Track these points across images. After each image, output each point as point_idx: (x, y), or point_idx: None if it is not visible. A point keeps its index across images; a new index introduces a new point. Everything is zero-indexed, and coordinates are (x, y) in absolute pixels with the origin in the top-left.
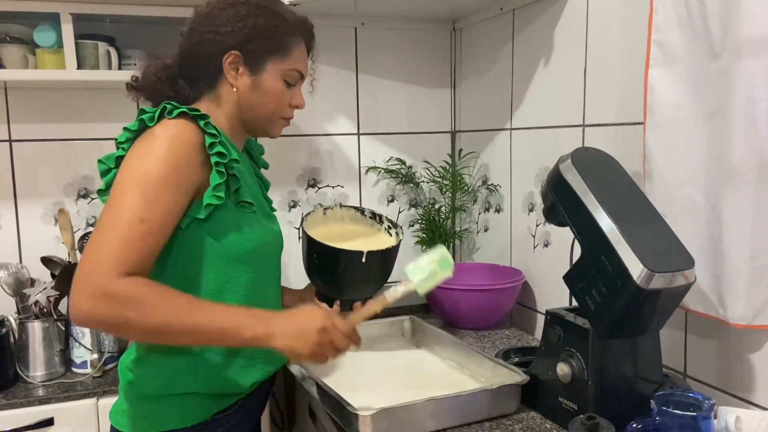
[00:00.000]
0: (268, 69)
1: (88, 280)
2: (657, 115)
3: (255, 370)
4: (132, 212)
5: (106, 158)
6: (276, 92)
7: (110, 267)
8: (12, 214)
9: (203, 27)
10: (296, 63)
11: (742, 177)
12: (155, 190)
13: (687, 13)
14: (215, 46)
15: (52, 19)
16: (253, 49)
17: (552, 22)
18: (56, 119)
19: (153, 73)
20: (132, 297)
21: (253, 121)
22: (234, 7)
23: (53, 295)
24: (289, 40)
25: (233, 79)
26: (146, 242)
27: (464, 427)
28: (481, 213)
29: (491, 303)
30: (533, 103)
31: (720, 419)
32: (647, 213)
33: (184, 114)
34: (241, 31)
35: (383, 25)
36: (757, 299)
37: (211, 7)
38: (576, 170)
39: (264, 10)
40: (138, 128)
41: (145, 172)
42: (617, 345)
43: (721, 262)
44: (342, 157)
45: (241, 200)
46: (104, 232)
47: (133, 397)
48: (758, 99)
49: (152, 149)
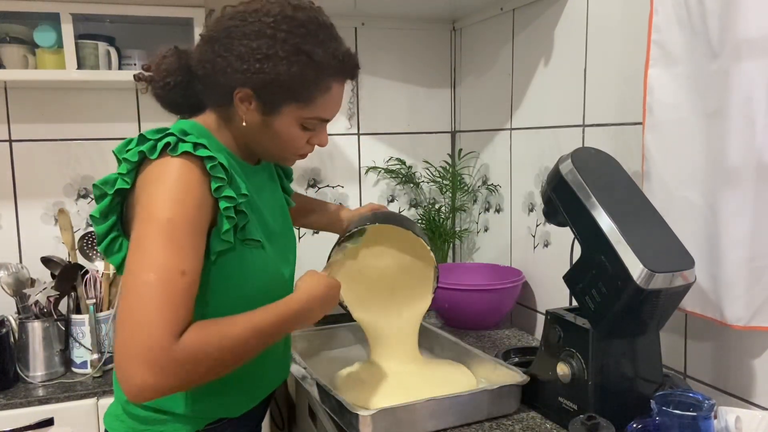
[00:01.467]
0: (284, 113)
1: (148, 351)
2: (656, 116)
3: (244, 400)
4: (172, 265)
5: (103, 183)
6: (289, 137)
7: (168, 331)
8: (12, 214)
9: (219, 46)
10: (320, 111)
11: (739, 177)
12: (185, 238)
13: (687, 14)
14: (226, 77)
15: (52, 19)
16: (268, 94)
17: (552, 22)
18: (56, 119)
19: (166, 70)
20: (199, 352)
21: (263, 154)
22: (257, 38)
23: (53, 295)
24: (316, 90)
25: (243, 113)
26: (191, 293)
27: (464, 427)
28: (481, 213)
29: (491, 303)
30: (533, 103)
31: (720, 419)
32: (647, 213)
33: (188, 153)
34: (257, 75)
35: (383, 25)
36: (755, 300)
37: (236, 21)
38: (576, 170)
39: (291, 51)
40: (138, 159)
41: (170, 219)
42: (617, 345)
43: (719, 263)
44: (342, 157)
45: (247, 238)
46: (148, 292)
47: (124, 405)
48: (756, 99)
49: (169, 192)
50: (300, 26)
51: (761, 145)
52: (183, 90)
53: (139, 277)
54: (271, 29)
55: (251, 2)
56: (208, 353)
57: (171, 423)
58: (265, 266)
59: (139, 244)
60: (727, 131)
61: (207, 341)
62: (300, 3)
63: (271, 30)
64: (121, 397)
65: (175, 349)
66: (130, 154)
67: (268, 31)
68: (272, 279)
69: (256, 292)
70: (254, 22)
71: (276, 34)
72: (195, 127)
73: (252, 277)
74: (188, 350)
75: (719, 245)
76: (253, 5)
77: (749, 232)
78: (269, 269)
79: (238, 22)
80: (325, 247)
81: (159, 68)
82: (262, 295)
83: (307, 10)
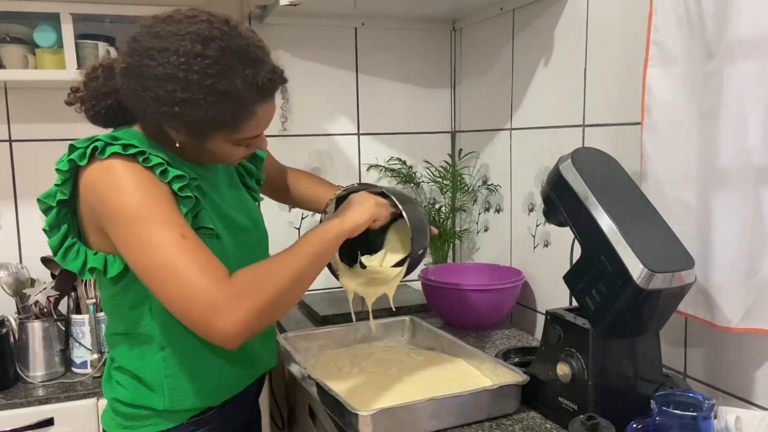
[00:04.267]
0: (214, 138)
1: (209, 303)
2: (653, 116)
3: (222, 390)
4: (169, 236)
5: (45, 197)
6: (225, 153)
7: (213, 279)
8: (12, 214)
9: (135, 84)
10: (249, 132)
11: (731, 178)
12: (161, 213)
13: (686, 13)
14: (149, 114)
15: (52, 19)
16: (193, 128)
17: (552, 22)
18: (56, 119)
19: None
20: (256, 278)
21: (206, 162)
22: (170, 81)
23: (53, 295)
24: (240, 118)
25: (173, 136)
26: (203, 247)
27: (464, 427)
28: (481, 213)
29: (491, 303)
30: (533, 103)
31: (720, 419)
32: (647, 213)
33: (118, 154)
34: (178, 117)
35: (383, 25)
36: (745, 302)
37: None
38: (576, 170)
39: (207, 92)
40: (70, 168)
41: (138, 207)
42: (617, 345)
43: (710, 264)
44: (342, 157)
45: (201, 226)
46: (171, 267)
47: (112, 404)
48: (749, 100)
49: (123, 187)
50: (213, 64)
51: (753, 145)
52: (114, 112)
53: (153, 263)
54: (183, 72)
55: (160, 34)
56: (265, 275)
57: (153, 418)
58: (222, 258)
59: (129, 242)
60: (720, 131)
61: (258, 269)
62: (210, 33)
63: (182, 73)
64: (109, 396)
65: (231, 286)
66: (61, 165)
67: (180, 74)
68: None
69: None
70: (165, 64)
71: (188, 77)
72: (129, 133)
73: None
74: (244, 281)
75: (710, 246)
76: (163, 42)
77: (738, 232)
78: (226, 261)
79: (149, 60)
80: None
81: (88, 89)
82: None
83: (218, 39)
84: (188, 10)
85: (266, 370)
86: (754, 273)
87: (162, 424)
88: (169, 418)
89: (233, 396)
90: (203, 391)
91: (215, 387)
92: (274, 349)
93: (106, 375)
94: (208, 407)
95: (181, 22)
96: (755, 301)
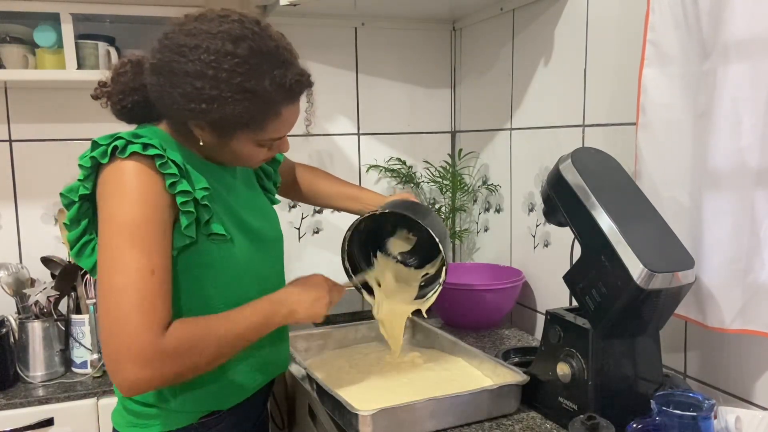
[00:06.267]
0: (239, 138)
1: (132, 347)
2: (648, 115)
3: (234, 392)
4: (139, 266)
5: (68, 191)
6: (248, 154)
7: (149, 327)
8: (12, 214)
9: (164, 80)
10: (273, 134)
11: (724, 179)
12: (148, 237)
13: (683, 13)
14: (176, 111)
15: (52, 19)
16: (219, 126)
17: (552, 22)
18: (56, 119)
19: (122, 91)
20: (184, 344)
21: (226, 163)
22: (199, 77)
23: (53, 295)
24: (266, 119)
25: (198, 135)
26: (164, 290)
27: (464, 427)
28: (481, 213)
29: (491, 303)
30: (533, 103)
31: (720, 419)
32: (647, 213)
33: (137, 154)
34: (205, 114)
35: (383, 25)
36: (736, 303)
37: (176, 56)
38: (576, 170)
39: (236, 90)
40: (92, 165)
41: (131, 222)
42: (617, 345)
43: (702, 265)
44: (342, 157)
45: (212, 233)
46: (122, 295)
47: (122, 401)
48: (742, 101)
49: (126, 195)
50: (242, 63)
51: (745, 146)
52: (141, 108)
53: (112, 282)
54: (213, 69)
55: (192, 32)
56: (193, 345)
57: (163, 417)
58: (235, 262)
59: (106, 250)
60: (714, 132)
61: (190, 335)
62: (241, 33)
63: (212, 70)
64: (119, 393)
65: (160, 343)
66: (84, 161)
67: (210, 71)
68: (246, 275)
69: (227, 288)
70: (195, 61)
71: (218, 75)
72: (152, 131)
73: (221, 272)
74: (174, 343)
75: (702, 246)
76: (194, 40)
77: (730, 233)
78: (240, 265)
79: (179, 57)
80: (325, 247)
81: (116, 84)
82: (236, 291)
83: (249, 39)
84: (220, 9)
85: (277, 374)
86: (746, 274)
87: (172, 424)
88: (179, 418)
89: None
90: (215, 393)
91: (227, 389)
92: (286, 353)
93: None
94: (219, 408)
95: (213, 21)
96: (748, 302)
